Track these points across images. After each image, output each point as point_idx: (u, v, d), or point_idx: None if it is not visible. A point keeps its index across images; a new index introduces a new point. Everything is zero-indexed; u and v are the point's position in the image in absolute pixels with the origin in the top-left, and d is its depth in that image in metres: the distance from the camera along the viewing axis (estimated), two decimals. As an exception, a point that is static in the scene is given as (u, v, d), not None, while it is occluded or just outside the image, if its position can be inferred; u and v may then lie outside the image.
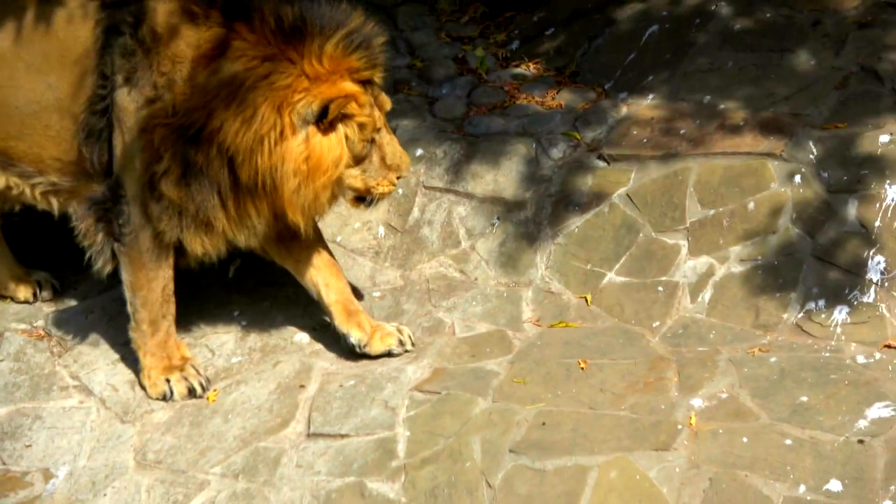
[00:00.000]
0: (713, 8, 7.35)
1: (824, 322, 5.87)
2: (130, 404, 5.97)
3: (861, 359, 5.69)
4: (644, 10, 7.59)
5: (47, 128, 5.73)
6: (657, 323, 6.10)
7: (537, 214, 6.62)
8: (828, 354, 5.79)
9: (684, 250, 6.27)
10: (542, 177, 6.72)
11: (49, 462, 5.77)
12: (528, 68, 7.56)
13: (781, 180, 6.32)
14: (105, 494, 5.63)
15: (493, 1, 8.32)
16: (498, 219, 6.65)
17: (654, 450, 5.22)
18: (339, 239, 6.75)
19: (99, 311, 6.44)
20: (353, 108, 5.40)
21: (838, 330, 5.88)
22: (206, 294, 6.63)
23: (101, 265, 5.80)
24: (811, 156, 6.29)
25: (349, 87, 5.41)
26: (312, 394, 5.80)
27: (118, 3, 5.61)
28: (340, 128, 5.43)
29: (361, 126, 5.46)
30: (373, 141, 5.59)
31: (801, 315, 5.96)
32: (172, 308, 6.04)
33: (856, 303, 5.94)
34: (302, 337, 6.19)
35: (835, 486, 5.03)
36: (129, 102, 5.56)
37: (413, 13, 8.19)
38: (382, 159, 5.62)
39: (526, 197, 6.66)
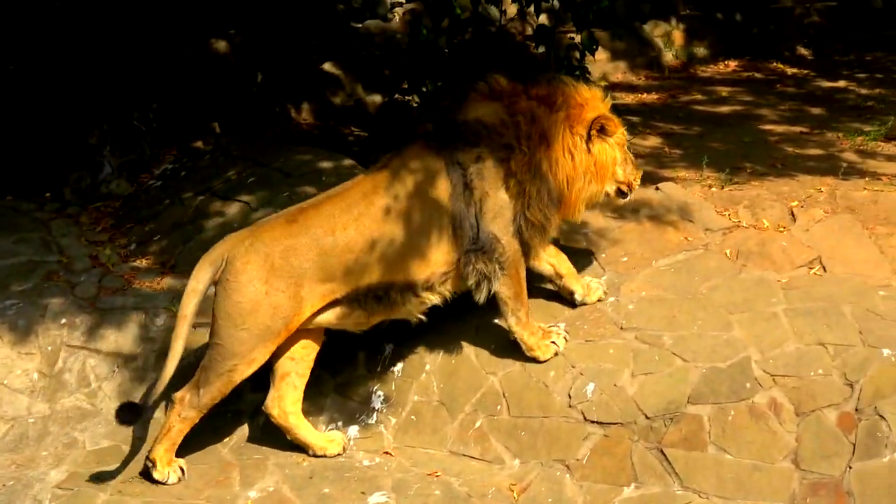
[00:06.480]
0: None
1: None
2: None
3: (366, 462, 6.97)
4: (222, 222, 8.64)
5: (425, 245, 6.92)
6: (227, 438, 7.26)
7: (145, 364, 7.61)
8: (343, 459, 7.00)
9: (248, 388, 7.30)
10: (150, 338, 7.73)
11: None
12: (142, 263, 8.55)
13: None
14: None
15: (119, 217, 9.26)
16: (118, 367, 7.60)
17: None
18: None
19: None
20: (611, 125, 7.10)
21: (351, 442, 7.15)
22: None
23: (483, 296, 7.00)
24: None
25: (605, 110, 7.12)
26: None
27: (454, 144, 6.98)
28: (610, 139, 7.14)
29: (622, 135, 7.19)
30: (627, 149, 7.27)
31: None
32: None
33: (364, 424, 7.23)
34: None
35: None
36: (489, 180, 6.93)
37: (62, 224, 9.12)
38: (631, 163, 7.32)
39: (138, 351, 7.67)
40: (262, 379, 7.22)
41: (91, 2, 10.00)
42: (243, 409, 7.39)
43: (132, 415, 6.92)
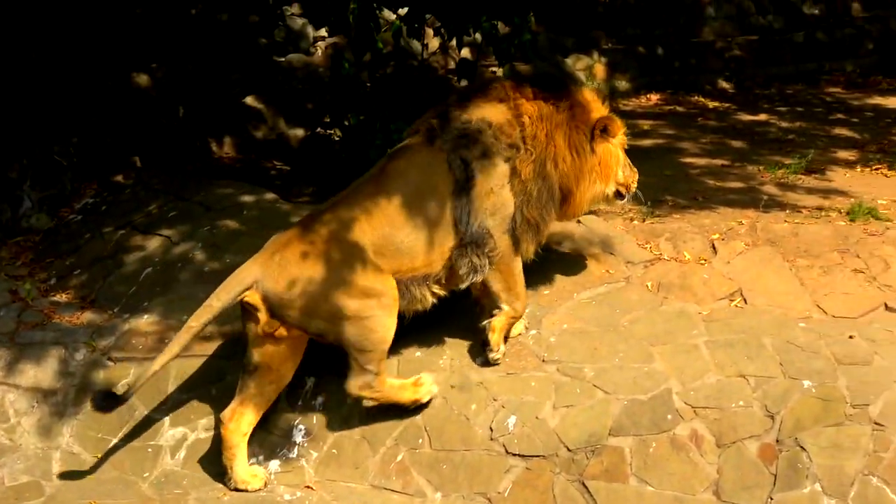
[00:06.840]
0: (191, 255, 8.43)
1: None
2: None
3: (287, 496, 6.94)
4: (143, 257, 8.64)
5: (434, 237, 7.07)
6: (147, 473, 7.21)
7: (65, 399, 7.57)
8: (264, 494, 6.95)
9: (167, 423, 7.42)
10: (70, 373, 7.70)
11: None
12: (62, 297, 8.52)
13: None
14: None
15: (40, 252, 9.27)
16: (37, 402, 7.55)
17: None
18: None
19: None
20: (614, 126, 7.35)
21: (272, 476, 7.10)
22: None
23: (471, 282, 7.14)
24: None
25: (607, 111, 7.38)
26: None
27: (457, 140, 7.10)
28: (613, 140, 7.36)
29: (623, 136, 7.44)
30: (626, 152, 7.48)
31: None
32: None
33: (285, 458, 7.19)
34: None
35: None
36: (493, 178, 7.08)
37: (-23, 260, 8.98)
38: (629, 166, 7.52)
39: (58, 386, 7.64)
40: (183, 414, 7.36)
41: (9, 36, 9.92)
42: (163, 444, 7.35)
43: (111, 402, 6.91)
